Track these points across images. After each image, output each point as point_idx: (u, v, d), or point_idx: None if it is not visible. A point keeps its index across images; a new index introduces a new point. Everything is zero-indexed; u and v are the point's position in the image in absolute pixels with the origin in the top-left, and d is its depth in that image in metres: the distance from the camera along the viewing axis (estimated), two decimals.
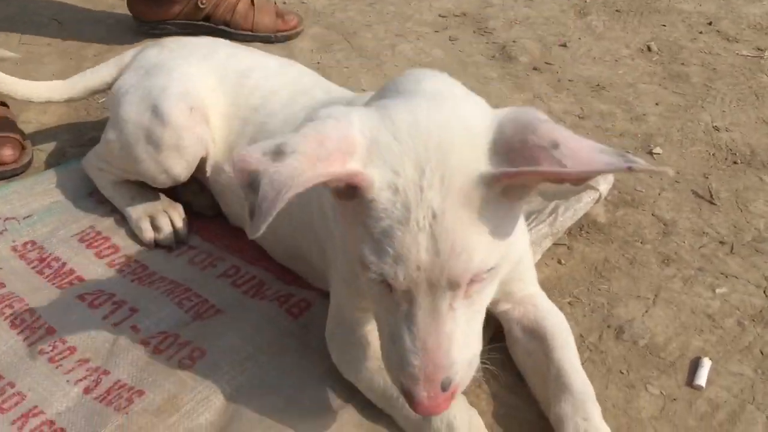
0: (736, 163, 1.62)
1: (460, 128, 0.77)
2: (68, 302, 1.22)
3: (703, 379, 1.11)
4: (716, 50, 2.08)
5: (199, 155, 1.32)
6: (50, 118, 1.74)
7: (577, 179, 0.73)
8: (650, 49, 2.09)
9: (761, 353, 1.16)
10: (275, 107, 1.27)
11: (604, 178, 1.40)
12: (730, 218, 1.45)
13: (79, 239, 1.37)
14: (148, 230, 1.36)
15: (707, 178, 1.56)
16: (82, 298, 1.23)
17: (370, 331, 1.03)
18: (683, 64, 2.01)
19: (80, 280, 1.29)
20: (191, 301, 1.24)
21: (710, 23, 2.23)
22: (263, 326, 1.17)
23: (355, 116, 0.78)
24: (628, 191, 1.51)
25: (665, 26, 2.22)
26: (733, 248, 1.37)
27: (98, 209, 1.44)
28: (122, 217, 1.42)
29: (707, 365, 1.13)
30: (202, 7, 2.05)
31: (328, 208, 1.05)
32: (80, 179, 1.49)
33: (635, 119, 1.78)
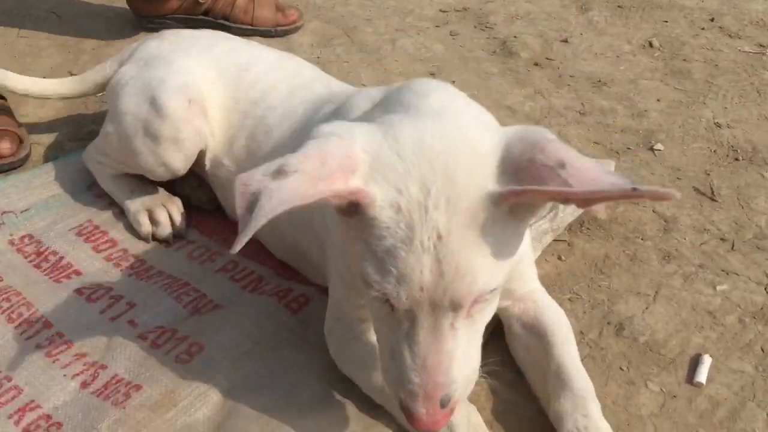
0: (737, 159, 1.61)
1: (467, 148, 0.77)
2: (66, 296, 1.21)
3: (703, 376, 1.10)
4: (718, 46, 2.07)
5: (197, 148, 1.31)
6: (48, 111, 1.73)
7: (582, 199, 0.73)
8: (652, 45, 2.08)
9: (762, 350, 1.16)
10: (275, 101, 1.26)
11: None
12: (731, 215, 1.44)
13: (76, 233, 1.37)
14: (146, 224, 1.36)
15: (708, 174, 1.56)
16: (79, 292, 1.22)
17: (368, 327, 1.03)
18: (685, 60, 2.00)
19: (78, 274, 1.28)
20: (189, 295, 1.23)
21: (712, 19, 2.22)
22: (262, 321, 1.16)
23: (358, 133, 0.78)
24: None
25: (667, 22, 2.21)
26: (734, 245, 1.37)
27: (96, 203, 1.44)
28: (120, 211, 1.41)
29: (707, 362, 1.12)
30: (201, 1, 2.03)
31: (329, 219, 1.04)
32: (78, 173, 1.48)
33: (636, 115, 1.77)
